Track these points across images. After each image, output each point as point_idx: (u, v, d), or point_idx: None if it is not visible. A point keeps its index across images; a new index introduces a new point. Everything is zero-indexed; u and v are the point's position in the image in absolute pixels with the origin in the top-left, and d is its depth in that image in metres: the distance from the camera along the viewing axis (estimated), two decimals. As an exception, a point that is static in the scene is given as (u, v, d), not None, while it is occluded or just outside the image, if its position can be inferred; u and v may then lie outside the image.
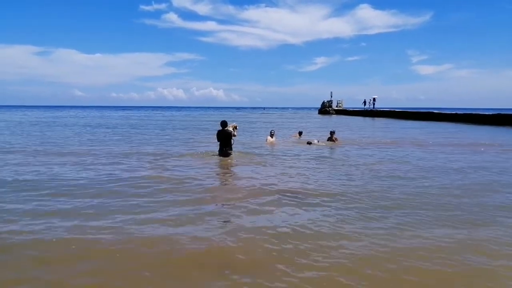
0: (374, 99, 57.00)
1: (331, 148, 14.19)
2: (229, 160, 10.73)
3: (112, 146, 14.54)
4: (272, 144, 15.26)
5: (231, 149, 11.15)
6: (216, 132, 11.25)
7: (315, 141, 15.18)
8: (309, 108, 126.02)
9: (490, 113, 32.90)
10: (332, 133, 15.98)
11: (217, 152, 11.20)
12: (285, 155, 12.12)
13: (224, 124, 11.06)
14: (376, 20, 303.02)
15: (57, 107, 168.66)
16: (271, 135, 15.94)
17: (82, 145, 14.93)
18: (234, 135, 11.25)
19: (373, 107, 55.79)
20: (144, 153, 12.31)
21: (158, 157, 11.37)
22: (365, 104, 58.02)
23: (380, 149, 14.05)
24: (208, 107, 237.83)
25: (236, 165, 10.35)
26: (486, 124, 30.29)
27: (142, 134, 21.42)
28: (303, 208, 5.92)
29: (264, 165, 10.12)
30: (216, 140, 11.21)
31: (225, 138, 11.00)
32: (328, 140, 15.70)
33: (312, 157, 11.66)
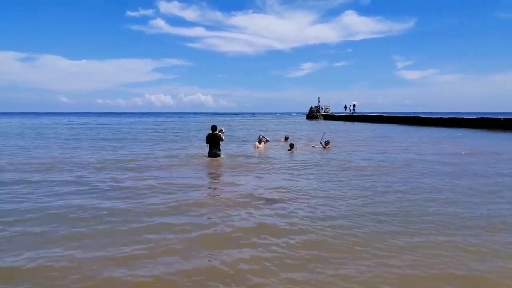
0: (354, 105, 60.97)
1: (316, 153, 14.23)
2: (217, 161, 11.72)
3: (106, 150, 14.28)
4: (260, 150, 15.24)
5: (219, 150, 12.26)
6: (206, 135, 12.38)
7: (310, 146, 15.29)
8: (297, 113, 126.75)
9: (475, 117, 33.51)
10: (327, 142, 16.02)
11: (207, 154, 12.28)
12: (270, 160, 12.25)
13: (214, 128, 12.20)
14: (362, 26, 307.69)
15: (42, 114, 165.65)
16: (259, 141, 15.95)
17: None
18: (222, 139, 12.28)
19: (353, 112, 59.19)
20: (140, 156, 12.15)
21: (152, 159, 12.05)
22: (345, 109, 61.58)
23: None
24: (196, 113, 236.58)
25: (223, 166, 11.07)
26: (470, 128, 30.81)
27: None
28: (282, 211, 5.85)
29: (249, 169, 10.37)
30: (206, 143, 12.37)
31: (214, 141, 12.13)
32: (323, 147, 15.73)
33: (296, 162, 11.68)
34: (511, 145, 18.62)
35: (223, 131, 12.65)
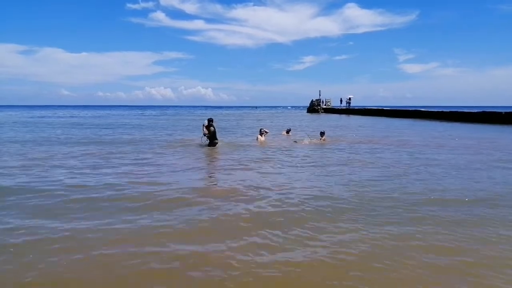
0: (349, 99, 61.73)
1: (317, 147, 14.34)
2: (216, 149, 13.03)
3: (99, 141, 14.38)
4: (262, 143, 15.34)
5: (216, 139, 13.73)
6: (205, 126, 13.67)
7: (306, 141, 15.44)
8: (298, 107, 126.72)
9: (476, 111, 33.49)
10: (322, 133, 16.14)
11: (207, 142, 13.76)
12: (271, 152, 12.37)
13: (210, 120, 13.66)
14: (363, 19, 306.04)
15: (44, 107, 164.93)
16: (261, 134, 16.02)
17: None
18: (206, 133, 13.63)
19: (349, 106, 60.21)
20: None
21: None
22: (341, 102, 63.04)
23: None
24: (196, 106, 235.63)
25: (226, 155, 11.64)
26: (471, 122, 30.84)
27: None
28: (279, 204, 5.97)
29: (246, 162, 10.46)
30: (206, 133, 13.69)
31: (213, 133, 13.60)
32: (319, 140, 15.85)
33: (298, 155, 11.79)
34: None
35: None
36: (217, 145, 13.64)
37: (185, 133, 20.82)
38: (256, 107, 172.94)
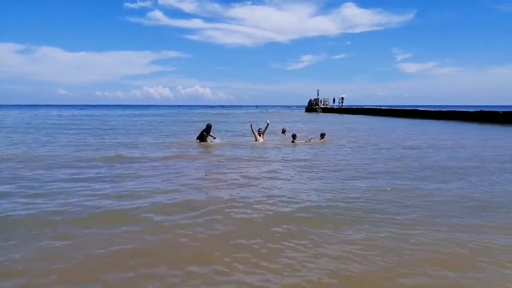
0: (342, 98, 63.66)
1: (314, 146, 14.29)
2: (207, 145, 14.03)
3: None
4: (259, 142, 15.23)
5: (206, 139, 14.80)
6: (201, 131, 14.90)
7: (303, 140, 15.40)
8: (297, 106, 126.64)
9: (473, 111, 33.49)
10: (322, 135, 16.05)
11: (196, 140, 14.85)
12: (268, 151, 12.29)
13: (209, 126, 15.02)
14: (361, 18, 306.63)
15: (40, 106, 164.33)
16: (259, 134, 15.91)
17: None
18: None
19: (341, 105, 62.04)
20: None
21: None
22: (334, 102, 65.10)
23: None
24: (194, 106, 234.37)
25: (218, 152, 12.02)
26: (469, 121, 30.83)
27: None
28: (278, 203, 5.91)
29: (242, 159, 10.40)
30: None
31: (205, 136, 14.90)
32: (319, 140, 15.77)
33: (295, 155, 11.73)
34: None
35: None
36: (208, 141, 14.62)
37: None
38: (256, 106, 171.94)
